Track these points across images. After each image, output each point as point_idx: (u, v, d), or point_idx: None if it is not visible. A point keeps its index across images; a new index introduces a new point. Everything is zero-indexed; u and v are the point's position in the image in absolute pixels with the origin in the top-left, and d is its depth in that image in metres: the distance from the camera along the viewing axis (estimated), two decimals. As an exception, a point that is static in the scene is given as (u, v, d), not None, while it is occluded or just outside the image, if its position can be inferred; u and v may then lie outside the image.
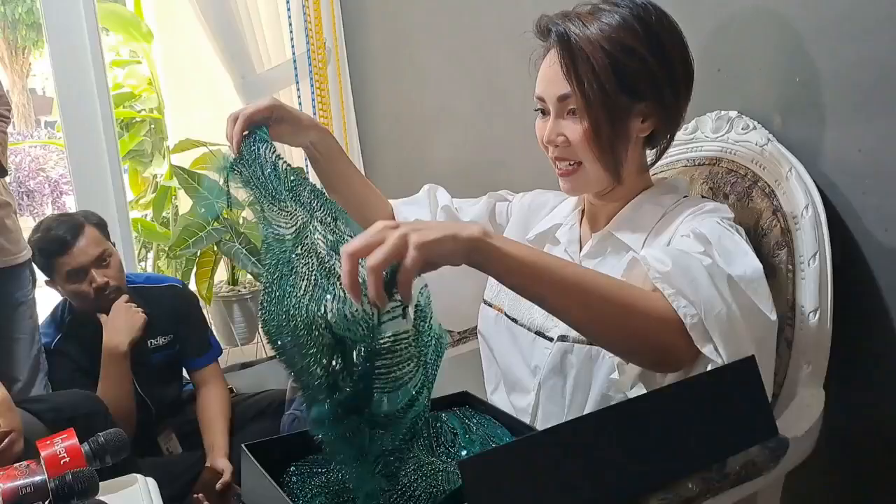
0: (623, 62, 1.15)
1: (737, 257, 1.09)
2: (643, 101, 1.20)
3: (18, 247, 2.23)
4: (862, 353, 1.36)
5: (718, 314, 1.01)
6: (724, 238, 1.12)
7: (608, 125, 1.18)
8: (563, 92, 1.19)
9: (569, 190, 1.28)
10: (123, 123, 3.53)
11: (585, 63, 1.16)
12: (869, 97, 1.29)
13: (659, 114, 1.22)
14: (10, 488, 1.06)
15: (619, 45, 1.15)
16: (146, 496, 1.23)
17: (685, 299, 1.00)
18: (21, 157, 5.80)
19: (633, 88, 1.18)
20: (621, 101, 1.17)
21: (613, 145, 1.20)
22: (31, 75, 10.90)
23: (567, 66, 1.17)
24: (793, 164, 1.34)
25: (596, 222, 1.32)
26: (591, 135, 1.18)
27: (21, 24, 10.33)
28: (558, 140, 1.22)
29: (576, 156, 1.22)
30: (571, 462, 0.90)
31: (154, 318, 2.19)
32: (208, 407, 2.26)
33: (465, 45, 2.36)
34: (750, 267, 1.08)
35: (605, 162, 1.21)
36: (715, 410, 0.98)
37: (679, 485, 0.95)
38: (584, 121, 1.18)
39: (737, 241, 1.13)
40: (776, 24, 1.42)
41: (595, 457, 0.91)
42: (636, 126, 1.22)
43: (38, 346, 2.22)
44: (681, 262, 1.03)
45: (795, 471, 1.19)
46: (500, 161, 2.25)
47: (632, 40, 1.16)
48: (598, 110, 1.17)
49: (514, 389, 1.35)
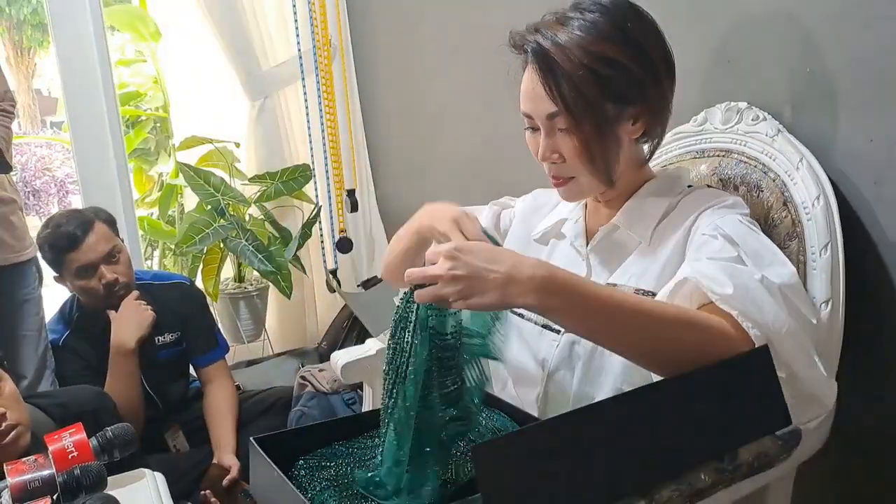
0: (604, 73, 1.14)
1: (767, 260, 1.11)
2: (630, 105, 1.19)
3: (24, 243, 2.23)
4: (874, 345, 1.35)
5: (786, 331, 1.03)
6: (750, 238, 1.13)
7: (599, 138, 1.17)
8: (551, 110, 1.18)
9: (567, 198, 1.30)
10: (129, 122, 3.53)
11: (568, 80, 1.15)
12: (880, 87, 1.28)
13: (648, 113, 1.21)
14: (19, 482, 1.06)
15: (597, 57, 1.14)
16: (154, 490, 1.23)
17: (750, 320, 1.02)
18: (27, 157, 5.81)
19: (619, 96, 1.17)
20: (609, 110, 1.17)
21: (606, 155, 1.19)
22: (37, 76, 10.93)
23: (550, 86, 1.16)
24: (803, 155, 1.33)
25: (600, 216, 1.32)
26: (584, 150, 1.18)
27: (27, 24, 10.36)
28: (553, 157, 1.22)
29: (570, 171, 1.22)
30: (583, 449, 0.90)
31: (162, 315, 2.20)
32: (215, 404, 2.26)
33: (471, 42, 2.35)
34: (787, 273, 1.10)
35: (599, 172, 1.21)
36: (729, 399, 0.98)
37: (692, 475, 0.94)
38: (575, 137, 1.18)
39: (763, 241, 1.14)
40: (786, 15, 1.41)
41: (607, 444, 0.91)
42: (627, 130, 1.21)
43: (45, 342, 2.22)
44: (739, 283, 1.04)
45: (807, 462, 1.19)
46: (507, 158, 2.24)
47: (610, 49, 1.15)
48: (587, 125, 1.16)
49: (521, 384, 1.34)
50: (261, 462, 1.08)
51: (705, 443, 0.97)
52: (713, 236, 1.14)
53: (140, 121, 3.60)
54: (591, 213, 1.35)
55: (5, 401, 1.46)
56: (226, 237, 2.82)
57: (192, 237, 2.78)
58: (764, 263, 1.10)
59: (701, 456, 0.96)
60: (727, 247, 1.11)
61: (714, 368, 0.99)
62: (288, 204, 3.04)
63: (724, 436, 0.99)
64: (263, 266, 2.76)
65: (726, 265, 1.08)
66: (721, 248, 1.11)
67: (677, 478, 0.93)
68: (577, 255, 1.33)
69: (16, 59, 10.55)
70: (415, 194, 2.90)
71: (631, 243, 1.26)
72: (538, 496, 0.86)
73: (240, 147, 3.09)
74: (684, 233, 1.20)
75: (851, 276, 1.27)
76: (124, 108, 3.39)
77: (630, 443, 0.92)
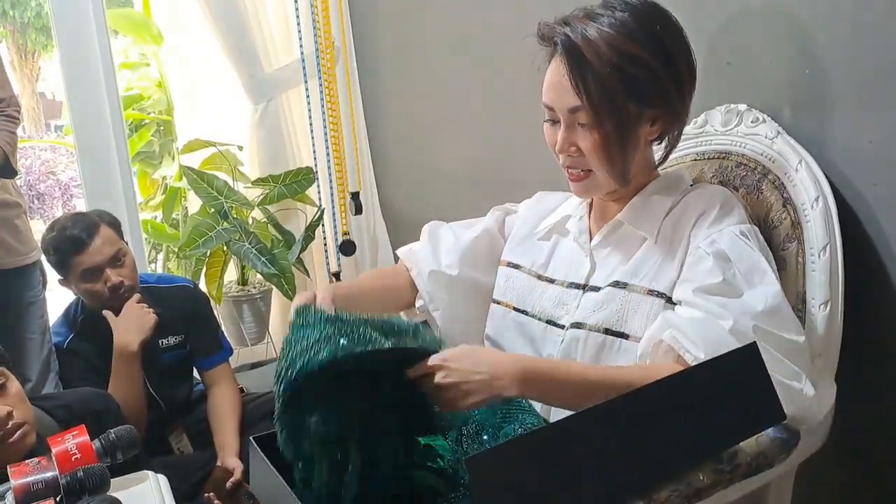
0: (630, 72, 1.16)
1: (756, 279, 1.14)
2: (652, 107, 1.20)
3: (29, 247, 2.24)
4: (873, 345, 1.35)
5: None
6: (744, 256, 1.16)
7: (619, 136, 1.19)
8: (574, 104, 1.19)
9: (580, 194, 1.31)
10: (133, 125, 3.54)
11: (594, 76, 1.16)
12: (879, 89, 1.28)
13: (667, 116, 1.23)
14: (22, 484, 1.06)
15: (625, 56, 1.15)
16: (157, 493, 1.23)
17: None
18: (31, 161, 5.81)
19: (642, 97, 1.18)
20: (631, 110, 1.18)
21: (624, 155, 1.21)
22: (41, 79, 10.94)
23: (577, 80, 1.17)
24: (802, 157, 1.33)
25: (605, 213, 1.34)
26: (602, 146, 1.19)
27: (30, 28, 10.37)
28: (571, 150, 1.23)
29: (587, 164, 1.23)
30: (579, 455, 0.90)
31: (165, 318, 2.20)
32: (219, 406, 2.26)
33: (474, 44, 2.36)
34: (770, 295, 1.12)
35: (615, 170, 1.22)
36: (721, 398, 0.99)
37: (691, 476, 0.95)
38: (595, 133, 1.19)
39: (755, 259, 1.16)
40: (785, 17, 1.42)
41: (602, 448, 0.91)
42: (645, 131, 1.23)
43: (48, 345, 2.23)
44: (712, 344, 1.07)
45: (807, 462, 1.19)
46: (510, 160, 2.25)
47: (638, 49, 1.16)
48: (609, 123, 1.18)
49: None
50: (259, 461, 1.09)
51: (702, 441, 0.97)
52: (707, 253, 1.17)
53: (143, 124, 3.61)
54: (595, 210, 1.36)
55: (11, 400, 1.47)
56: (229, 240, 2.83)
57: (196, 240, 2.79)
58: (753, 283, 1.14)
59: (698, 455, 0.97)
60: (715, 270, 1.14)
61: (704, 368, 0.99)
62: (291, 207, 3.04)
63: (720, 433, 0.99)
64: (267, 269, 2.77)
65: (703, 321, 1.11)
66: (710, 271, 1.15)
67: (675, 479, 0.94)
68: (581, 252, 1.33)
69: (20, 63, 10.55)
70: (418, 196, 2.91)
71: (635, 240, 1.27)
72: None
73: (243, 150, 3.09)
74: (683, 239, 1.22)
75: (850, 277, 1.27)
76: (128, 111, 3.39)
77: (625, 445, 0.92)
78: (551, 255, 1.39)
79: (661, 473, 0.94)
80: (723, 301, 1.11)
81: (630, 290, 1.22)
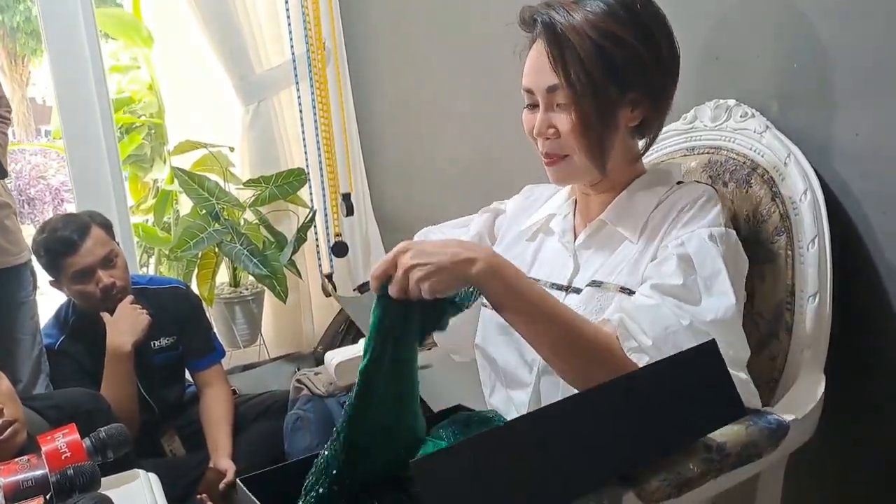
0: (611, 51, 1.15)
1: (715, 289, 1.11)
2: (632, 90, 1.19)
3: (19, 247, 2.23)
4: (862, 337, 1.36)
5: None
6: (708, 262, 1.13)
7: (597, 116, 1.17)
8: (552, 83, 1.18)
9: (557, 180, 1.28)
10: (124, 129, 3.54)
11: (573, 53, 1.15)
12: (866, 82, 1.29)
13: (648, 102, 1.21)
14: (11, 482, 1.06)
15: (606, 34, 1.14)
16: (148, 491, 1.23)
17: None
18: (21, 165, 5.81)
19: (622, 78, 1.17)
20: (610, 91, 1.17)
21: (602, 137, 1.19)
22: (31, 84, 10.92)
23: (554, 56, 1.16)
24: (791, 150, 1.34)
25: (589, 212, 1.32)
26: (580, 126, 1.17)
27: (20, 32, 10.35)
28: (548, 132, 1.21)
29: (564, 149, 1.21)
30: (530, 456, 0.89)
31: (158, 319, 2.19)
32: (212, 408, 2.26)
33: (464, 45, 2.36)
34: (723, 307, 1.10)
35: (593, 153, 1.20)
36: (680, 395, 0.98)
37: (680, 465, 0.95)
38: (573, 112, 1.17)
39: (718, 268, 1.13)
40: (773, 12, 1.42)
41: (555, 449, 0.90)
42: (625, 115, 1.21)
43: (39, 346, 2.22)
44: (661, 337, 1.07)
45: (797, 452, 1.19)
46: (500, 160, 2.25)
47: (619, 28, 1.15)
48: (586, 101, 1.16)
49: (512, 386, 1.33)
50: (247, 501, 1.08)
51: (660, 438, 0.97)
52: (672, 254, 1.15)
53: (134, 127, 3.60)
54: (580, 208, 1.34)
55: (1, 398, 1.47)
56: (220, 241, 2.83)
57: (187, 241, 2.79)
58: (711, 292, 1.11)
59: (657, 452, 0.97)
60: (678, 273, 1.12)
61: (664, 364, 0.99)
62: (283, 208, 3.04)
63: (679, 430, 0.98)
64: (259, 270, 2.77)
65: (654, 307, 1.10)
66: (672, 273, 1.12)
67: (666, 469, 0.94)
68: (565, 251, 1.32)
69: (10, 68, 10.54)
70: (410, 197, 2.91)
71: (619, 239, 1.25)
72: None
73: (234, 151, 3.09)
74: (658, 239, 1.21)
75: (838, 269, 1.28)
76: (118, 114, 3.39)
77: (578, 444, 0.91)
78: (536, 256, 1.37)
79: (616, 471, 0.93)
80: (678, 303, 1.10)
81: (605, 289, 1.21)
